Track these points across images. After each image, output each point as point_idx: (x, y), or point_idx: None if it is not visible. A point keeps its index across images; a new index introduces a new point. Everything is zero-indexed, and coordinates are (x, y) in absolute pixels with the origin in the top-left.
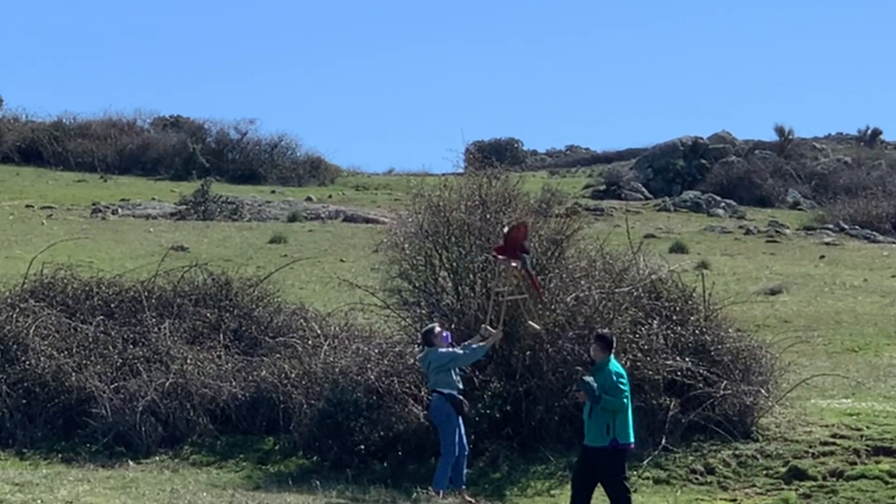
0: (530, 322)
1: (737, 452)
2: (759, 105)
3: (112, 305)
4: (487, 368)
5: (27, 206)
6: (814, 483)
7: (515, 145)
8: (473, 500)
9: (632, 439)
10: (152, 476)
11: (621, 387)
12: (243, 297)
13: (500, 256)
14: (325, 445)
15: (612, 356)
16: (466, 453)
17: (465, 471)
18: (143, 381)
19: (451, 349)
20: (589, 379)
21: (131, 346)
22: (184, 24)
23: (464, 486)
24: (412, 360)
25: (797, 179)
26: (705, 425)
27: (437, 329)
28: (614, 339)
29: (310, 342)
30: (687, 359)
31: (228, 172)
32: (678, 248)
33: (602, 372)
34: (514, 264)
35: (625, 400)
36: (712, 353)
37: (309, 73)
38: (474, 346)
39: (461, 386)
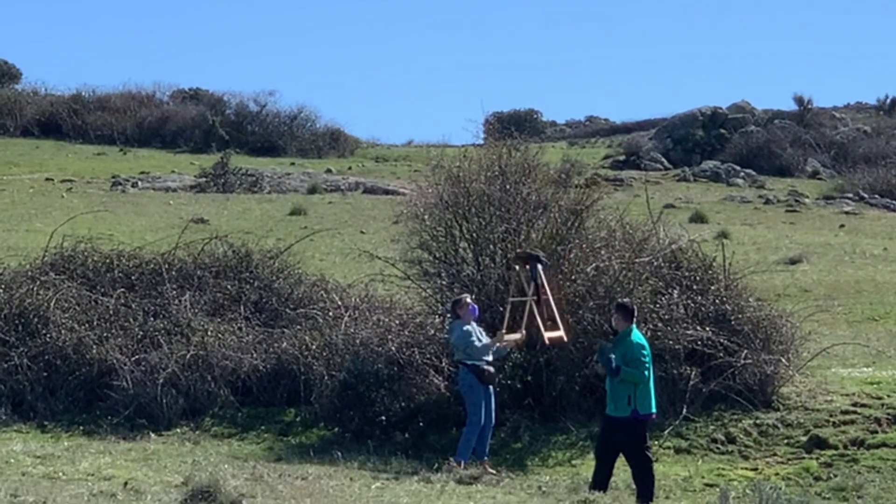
0: (546, 334)
1: (757, 422)
2: (778, 74)
3: (132, 278)
4: (521, 309)
5: (47, 179)
6: (835, 452)
7: (535, 116)
8: (495, 471)
9: (653, 410)
10: (174, 448)
11: (643, 358)
12: (263, 268)
13: (516, 266)
14: (347, 417)
15: (633, 326)
16: (492, 425)
17: (488, 442)
18: (164, 353)
19: (470, 329)
20: (608, 348)
21: (152, 319)
22: None
23: (486, 457)
24: (433, 331)
25: (816, 149)
26: (726, 395)
27: (467, 300)
28: (635, 308)
29: (330, 314)
30: (707, 328)
31: (248, 145)
32: (698, 218)
33: (624, 342)
34: (524, 268)
35: (646, 371)
36: (732, 323)
37: (329, 45)
38: (492, 343)
39: (490, 357)
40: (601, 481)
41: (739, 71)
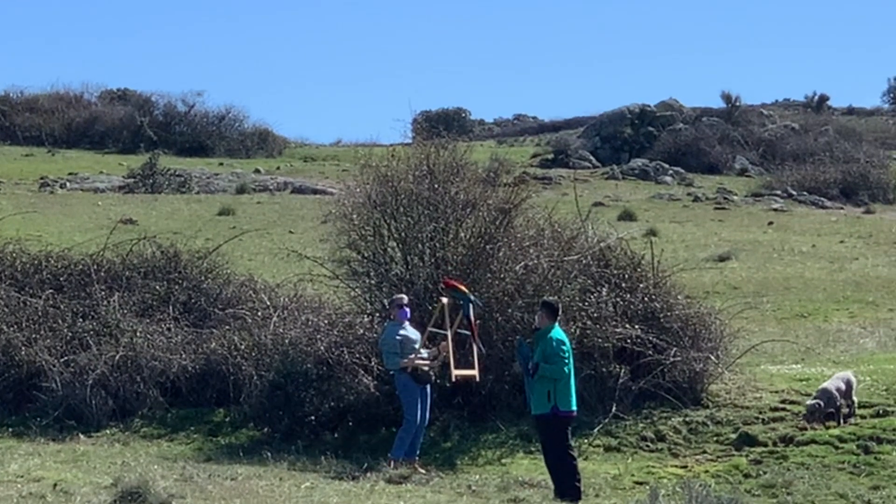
0: (455, 371)
1: (687, 419)
2: (706, 72)
3: (61, 279)
4: (437, 338)
5: None
6: (764, 449)
7: (463, 115)
8: (425, 471)
9: (574, 408)
10: (103, 449)
11: (562, 355)
12: (192, 269)
13: (446, 287)
14: (276, 417)
15: (556, 324)
16: (426, 425)
17: (420, 442)
18: (93, 354)
19: (401, 336)
20: (526, 345)
21: (81, 320)
22: None
23: (416, 457)
24: (362, 331)
25: (745, 146)
26: (655, 392)
27: (404, 301)
28: (560, 306)
29: (259, 314)
30: (636, 326)
31: (176, 145)
32: (627, 216)
33: (544, 339)
34: (450, 301)
35: (565, 368)
36: (661, 320)
37: (257, 45)
38: (407, 361)
39: (425, 354)
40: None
41: (667, 69)
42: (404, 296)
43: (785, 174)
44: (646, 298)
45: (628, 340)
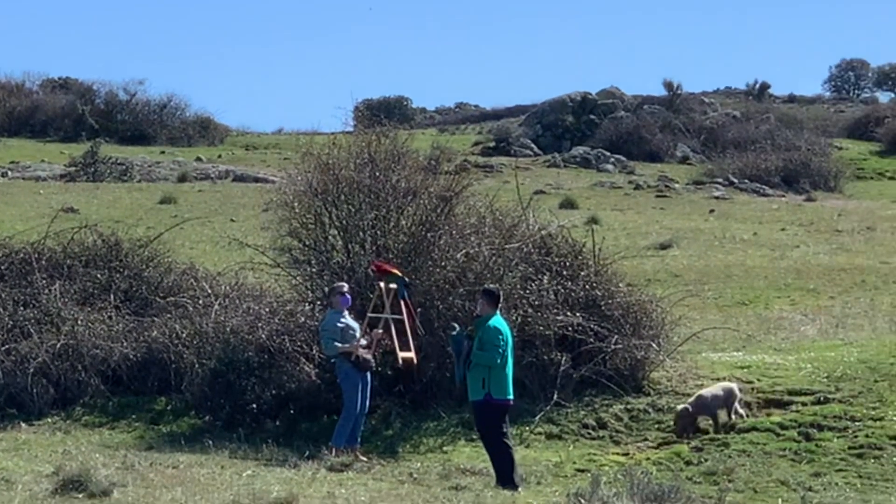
0: (401, 353)
1: (628, 406)
2: (647, 60)
3: (2, 267)
4: (378, 324)
5: None
6: (705, 436)
7: (404, 103)
8: (366, 458)
9: (509, 396)
10: (44, 438)
11: (497, 343)
12: (134, 257)
13: (378, 272)
14: (217, 405)
15: (497, 312)
16: (366, 412)
17: (360, 430)
18: (34, 342)
19: (342, 324)
20: (460, 332)
21: (22, 308)
22: None
23: (358, 445)
24: (303, 319)
25: (686, 134)
26: (597, 380)
27: (344, 289)
28: (501, 294)
29: (200, 302)
30: (578, 314)
31: (118, 133)
32: (568, 204)
33: (482, 326)
34: (386, 285)
35: (498, 357)
36: (603, 308)
37: (198, 33)
38: (348, 346)
39: (364, 343)
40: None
41: (609, 57)
42: (344, 284)
43: (726, 162)
44: (587, 286)
45: (569, 328)
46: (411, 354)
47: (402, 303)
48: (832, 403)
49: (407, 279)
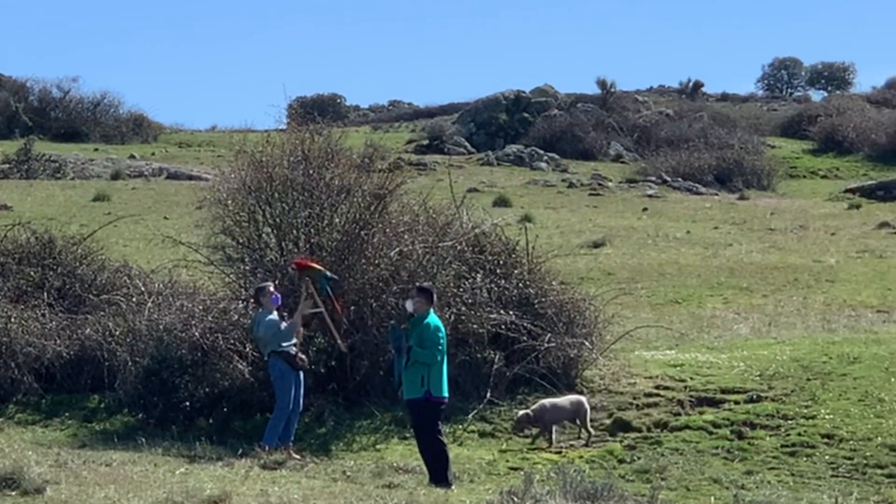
0: (341, 343)
1: None
2: (581, 58)
3: None
4: (311, 324)
5: None
6: (638, 434)
7: (338, 101)
8: (300, 456)
9: (446, 394)
10: None
11: (436, 340)
12: (67, 255)
13: (298, 269)
14: (151, 402)
15: (432, 310)
16: (300, 411)
17: (294, 427)
18: None
19: (275, 318)
20: (399, 330)
21: None
22: None
23: (291, 443)
24: (237, 317)
25: (619, 132)
26: (530, 378)
27: (270, 288)
28: (435, 292)
29: (134, 299)
30: (511, 312)
31: (51, 131)
32: (501, 202)
33: (420, 324)
34: (313, 281)
35: (438, 354)
36: (536, 306)
37: (131, 30)
38: (292, 322)
39: (294, 340)
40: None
41: (542, 54)
42: (270, 283)
43: (660, 160)
44: (520, 284)
45: (503, 326)
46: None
47: (326, 297)
48: (765, 402)
49: (329, 273)
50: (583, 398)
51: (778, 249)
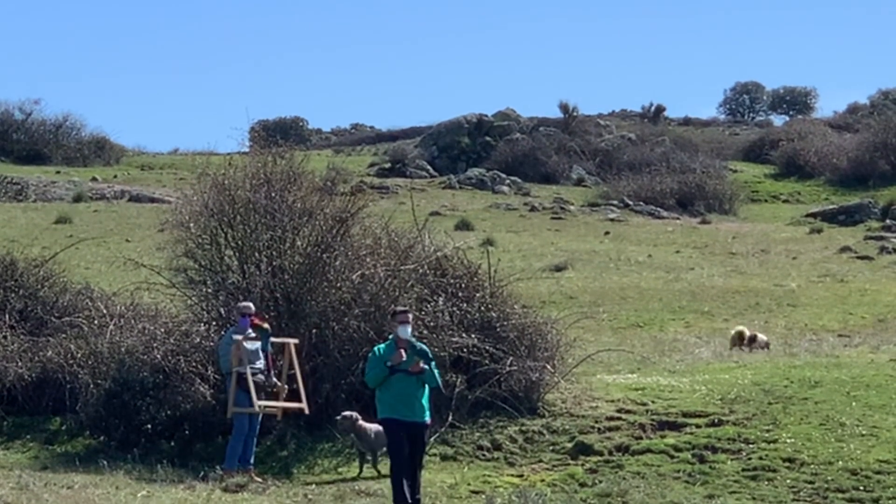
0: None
1: (523, 428)
2: (543, 82)
3: None
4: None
5: None
6: (600, 458)
7: (300, 124)
8: (261, 479)
9: None
10: None
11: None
12: (29, 277)
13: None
14: (112, 425)
15: None
16: (256, 433)
17: (253, 450)
18: None
19: (235, 338)
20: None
21: None
22: None
23: (251, 465)
24: (198, 339)
25: (581, 156)
26: (492, 401)
27: (244, 310)
28: None
29: (96, 322)
30: (473, 335)
31: (13, 153)
32: (464, 226)
33: (420, 347)
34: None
35: None
36: (498, 330)
37: (93, 52)
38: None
39: (260, 365)
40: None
41: (504, 78)
42: (251, 304)
43: (622, 184)
44: (482, 308)
45: (465, 349)
46: (301, 405)
47: (263, 354)
48: (726, 425)
49: (270, 331)
50: None
51: (740, 273)
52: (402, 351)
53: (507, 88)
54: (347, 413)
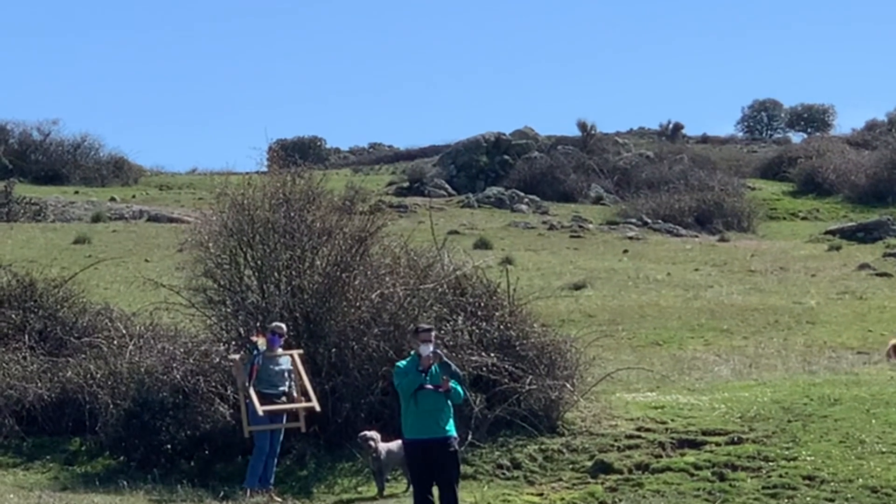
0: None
1: (543, 447)
2: (561, 100)
3: None
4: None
5: None
6: (620, 476)
7: (319, 143)
8: (280, 499)
9: None
10: None
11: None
12: (48, 297)
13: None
14: (132, 445)
15: None
16: (277, 452)
17: (273, 470)
18: None
19: (233, 360)
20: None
21: None
22: None
23: (271, 486)
24: (218, 359)
25: (600, 174)
26: (511, 420)
27: (273, 329)
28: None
29: (115, 342)
30: (492, 354)
31: (32, 173)
32: (482, 244)
33: (446, 362)
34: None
35: None
36: (517, 348)
37: (112, 73)
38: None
39: (284, 388)
40: None
41: (523, 97)
42: (283, 325)
43: (640, 202)
44: (501, 326)
45: (484, 368)
46: (312, 403)
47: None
48: (746, 443)
49: (260, 349)
50: None
51: (758, 291)
52: (430, 361)
53: (525, 107)
54: (365, 434)
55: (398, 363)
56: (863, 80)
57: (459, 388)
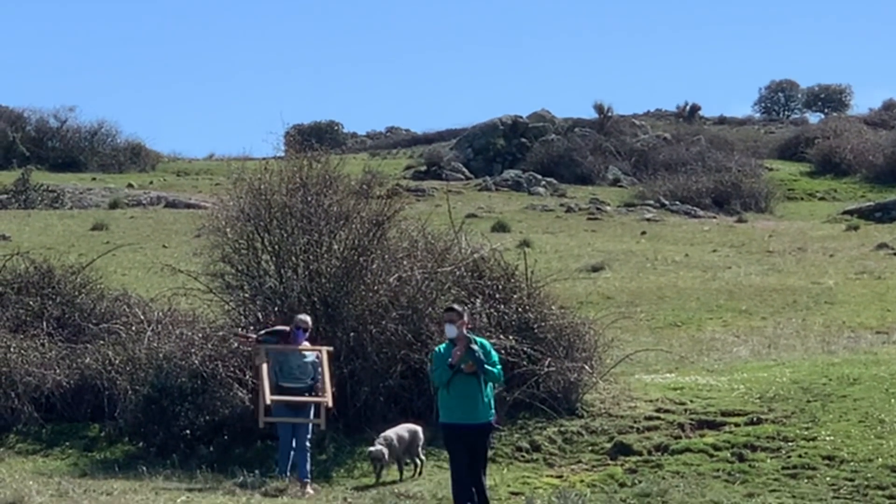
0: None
1: (562, 429)
2: (577, 82)
3: None
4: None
5: None
6: (639, 458)
7: (335, 128)
8: (313, 491)
9: None
10: None
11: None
12: (66, 284)
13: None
14: (151, 431)
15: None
16: (301, 447)
17: (306, 464)
18: None
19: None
20: (478, 346)
21: None
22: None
23: (307, 479)
24: (236, 344)
25: (617, 156)
26: (530, 403)
27: (304, 321)
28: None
29: (133, 328)
30: (511, 337)
31: (49, 160)
32: (500, 227)
33: (481, 342)
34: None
35: None
36: (536, 331)
37: (128, 59)
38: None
39: (308, 382)
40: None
41: (539, 79)
42: (308, 318)
43: (657, 184)
44: (520, 309)
45: (503, 351)
46: (325, 398)
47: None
48: (765, 424)
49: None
50: (418, 427)
51: (777, 272)
52: (458, 351)
53: (541, 89)
54: (375, 449)
55: (437, 347)
56: (880, 60)
57: (493, 370)
